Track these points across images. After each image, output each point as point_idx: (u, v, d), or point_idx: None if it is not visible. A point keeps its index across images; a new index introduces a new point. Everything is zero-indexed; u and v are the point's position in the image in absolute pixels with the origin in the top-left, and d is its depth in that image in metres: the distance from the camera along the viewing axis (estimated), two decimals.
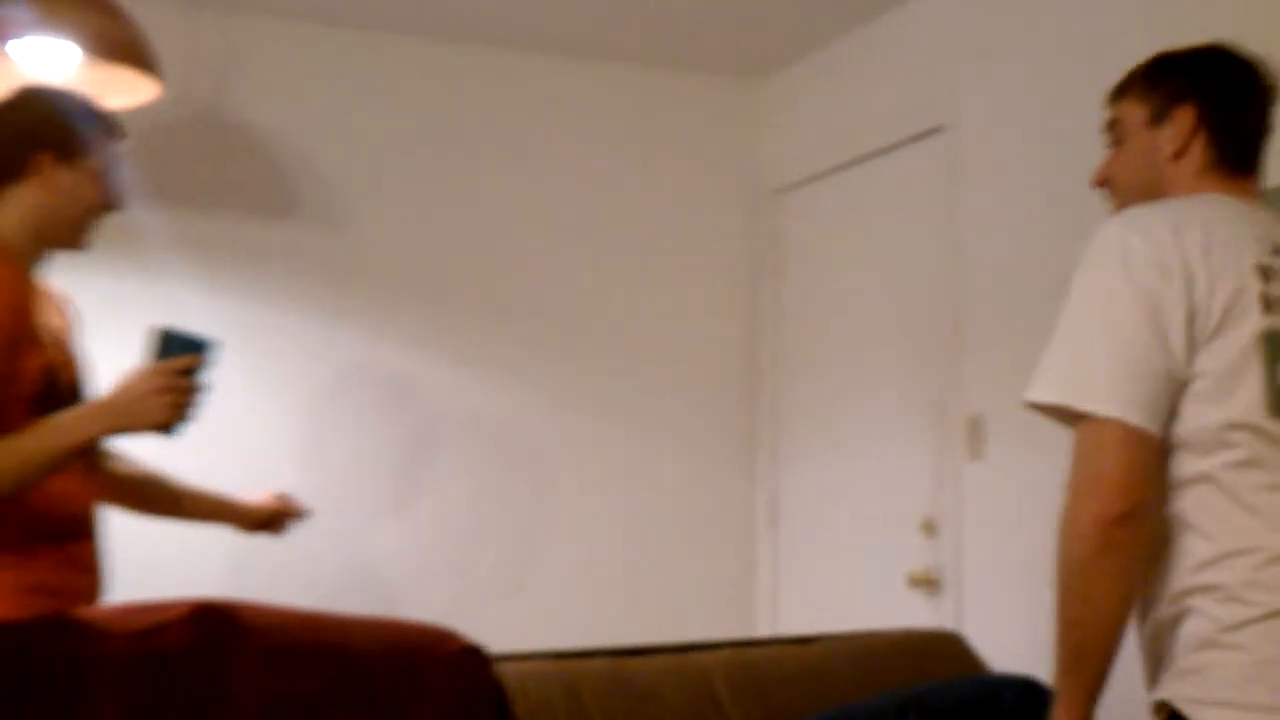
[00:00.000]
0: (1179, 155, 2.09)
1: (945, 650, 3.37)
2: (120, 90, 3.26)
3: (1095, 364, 1.91)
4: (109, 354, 2.82)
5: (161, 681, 2.24)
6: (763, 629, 4.73)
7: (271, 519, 3.02)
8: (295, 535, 4.09)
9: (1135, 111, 2.14)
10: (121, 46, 3.19)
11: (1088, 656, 1.92)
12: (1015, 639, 3.61)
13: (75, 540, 2.48)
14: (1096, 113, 2.32)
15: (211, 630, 2.31)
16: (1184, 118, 2.08)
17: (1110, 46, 3.52)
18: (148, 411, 2.28)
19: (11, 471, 2.24)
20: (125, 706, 2.20)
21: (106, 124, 2.55)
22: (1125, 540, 1.87)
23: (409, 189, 4.57)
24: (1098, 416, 1.89)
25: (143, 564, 3.58)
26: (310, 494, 4.24)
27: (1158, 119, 2.11)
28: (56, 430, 2.28)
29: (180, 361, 2.30)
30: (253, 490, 3.01)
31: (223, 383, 4.12)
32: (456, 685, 2.44)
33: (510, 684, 2.67)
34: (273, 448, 4.28)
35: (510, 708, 2.58)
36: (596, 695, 2.78)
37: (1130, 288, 1.90)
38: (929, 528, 4.03)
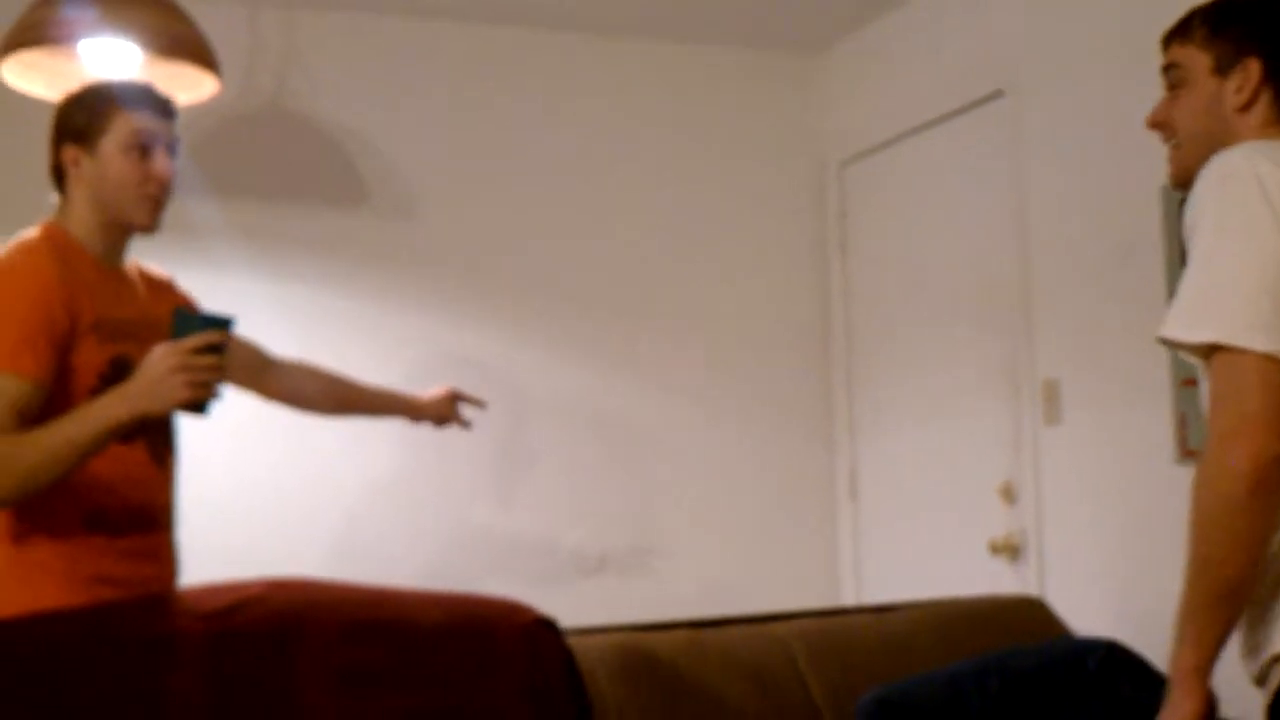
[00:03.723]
0: (1246, 108, 2.03)
1: (1028, 616, 3.34)
2: (182, 87, 3.29)
3: (1239, 295, 1.83)
4: None
5: (238, 658, 2.27)
6: (847, 600, 4.71)
7: (445, 410, 3.23)
8: (391, 516, 4.20)
9: (1198, 58, 2.08)
10: (180, 44, 3.23)
11: (1229, 597, 1.87)
12: (1098, 602, 3.58)
13: (145, 531, 2.51)
14: (1159, 71, 2.26)
15: (285, 608, 2.34)
16: (1250, 70, 2.03)
17: (1172, 2, 3.46)
18: (166, 392, 2.26)
19: (45, 459, 2.26)
20: (204, 682, 2.23)
21: (122, 99, 2.53)
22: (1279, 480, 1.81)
23: (474, 175, 4.59)
24: (1246, 351, 1.81)
25: (245, 540, 3.67)
26: (403, 478, 4.34)
27: (1222, 69, 2.05)
28: (80, 420, 2.29)
29: (194, 340, 2.27)
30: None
31: None
32: (527, 657, 2.44)
33: (592, 656, 2.68)
34: (362, 432, 4.32)
35: (581, 678, 2.59)
36: (676, 665, 2.78)
37: (1269, 213, 1.83)
38: (1008, 494, 3.99)
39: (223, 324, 2.32)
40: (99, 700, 2.20)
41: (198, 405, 2.30)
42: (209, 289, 2.95)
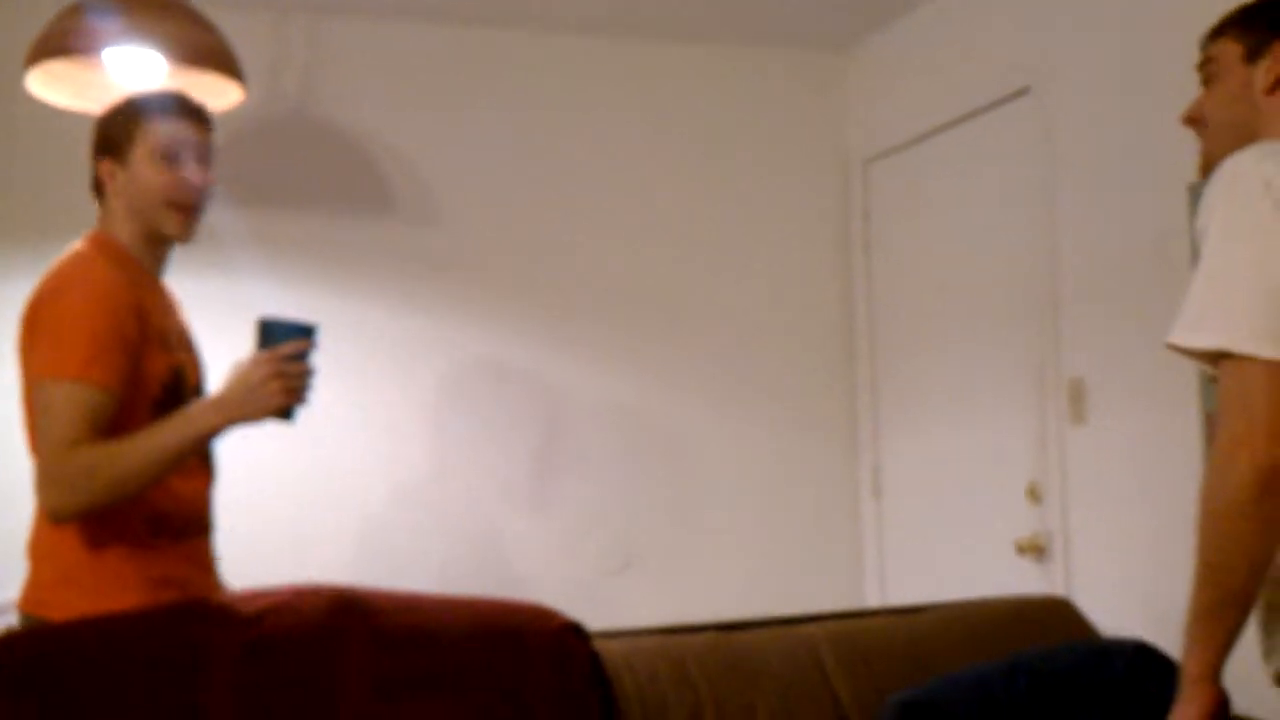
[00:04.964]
0: (1273, 89, 2.05)
1: (1055, 616, 3.34)
2: (207, 96, 3.30)
3: (1247, 302, 1.83)
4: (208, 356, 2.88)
5: (274, 663, 2.29)
6: (871, 601, 4.71)
7: None
8: (420, 520, 4.23)
9: (1231, 49, 2.10)
10: (205, 53, 3.23)
11: (1232, 604, 1.86)
12: (1125, 603, 3.57)
13: (196, 537, 2.56)
14: (1188, 66, 2.27)
15: (321, 614, 2.36)
16: (1278, 52, 2.05)
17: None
18: (262, 399, 2.33)
19: (137, 468, 2.30)
20: (241, 687, 2.25)
21: (149, 108, 2.55)
22: None
23: (499, 180, 4.60)
24: (1254, 358, 1.81)
25: (274, 549, 3.69)
26: (432, 481, 4.36)
27: (1253, 54, 2.07)
28: (174, 429, 2.34)
29: (286, 348, 2.35)
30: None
31: (339, 379, 4.25)
32: (555, 661, 2.46)
33: (618, 659, 2.69)
34: (395, 440, 4.36)
35: (610, 682, 2.60)
36: (703, 668, 2.79)
37: (1277, 217, 1.83)
38: (1034, 494, 3.98)
39: (308, 331, 2.39)
40: (130, 710, 2.21)
41: (286, 411, 2.37)
42: (233, 297, 2.97)
